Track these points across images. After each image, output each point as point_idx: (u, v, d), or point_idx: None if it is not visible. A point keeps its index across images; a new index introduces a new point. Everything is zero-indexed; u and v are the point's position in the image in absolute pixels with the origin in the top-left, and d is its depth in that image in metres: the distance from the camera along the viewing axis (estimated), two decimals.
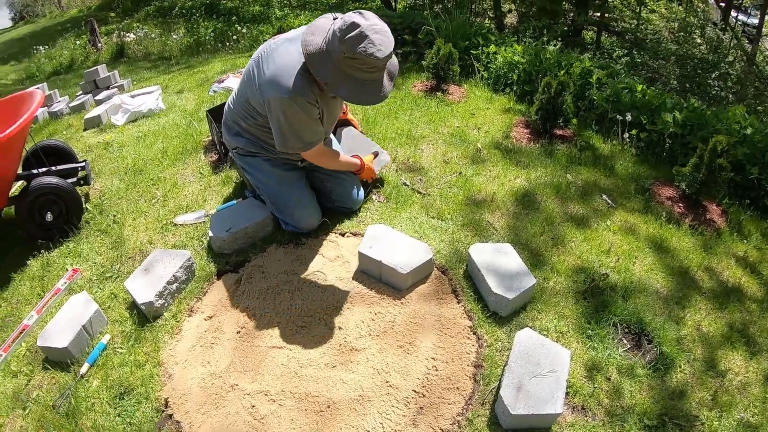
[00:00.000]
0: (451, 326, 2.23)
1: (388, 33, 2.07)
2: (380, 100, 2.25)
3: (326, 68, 2.09)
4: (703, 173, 3.09)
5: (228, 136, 2.65)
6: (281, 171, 2.62)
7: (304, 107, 2.22)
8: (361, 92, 2.16)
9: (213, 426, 1.95)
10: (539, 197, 3.09)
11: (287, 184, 2.63)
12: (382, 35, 2.03)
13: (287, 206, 2.64)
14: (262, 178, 2.63)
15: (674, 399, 2.08)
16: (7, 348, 2.38)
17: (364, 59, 2.02)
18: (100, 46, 8.33)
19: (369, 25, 2.00)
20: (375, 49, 2.01)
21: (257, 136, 2.55)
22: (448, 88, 4.43)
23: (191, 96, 4.91)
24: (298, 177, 2.69)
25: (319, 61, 2.10)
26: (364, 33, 1.98)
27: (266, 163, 2.61)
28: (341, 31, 2.02)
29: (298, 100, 2.19)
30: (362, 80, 2.12)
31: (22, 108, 3.00)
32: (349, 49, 2.01)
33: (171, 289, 2.44)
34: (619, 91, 3.97)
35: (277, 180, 2.62)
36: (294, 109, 2.22)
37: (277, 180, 2.62)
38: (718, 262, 2.86)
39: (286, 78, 2.18)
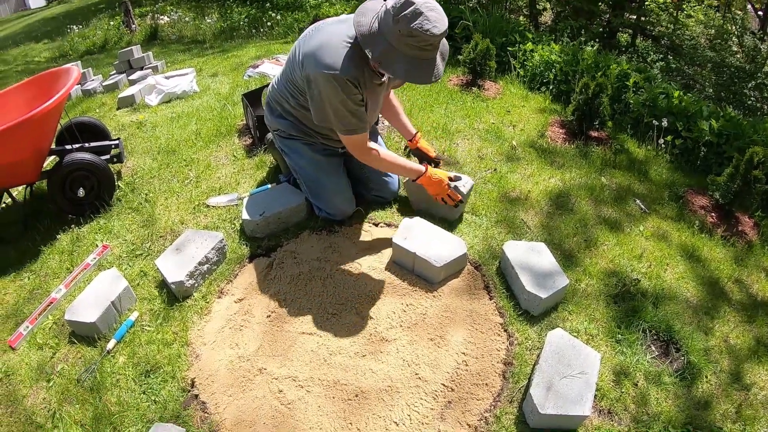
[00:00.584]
0: (482, 322, 2.21)
1: (442, 11, 2.03)
2: (435, 80, 2.18)
3: (379, 47, 2.06)
4: (738, 184, 3.04)
5: (270, 117, 2.63)
6: (320, 156, 2.61)
7: (345, 86, 2.17)
8: (416, 71, 2.10)
9: (239, 408, 1.95)
10: (573, 198, 3.06)
11: (325, 170, 2.62)
12: (437, 12, 2.00)
13: (323, 192, 2.64)
14: (301, 163, 2.62)
15: (699, 409, 2.05)
16: (34, 320, 2.40)
17: (420, 36, 1.98)
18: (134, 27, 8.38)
19: (423, 2, 1.97)
20: (431, 26, 1.98)
21: (299, 119, 2.53)
22: (483, 83, 4.41)
23: (225, 80, 4.92)
24: (336, 164, 2.68)
25: (372, 41, 2.07)
26: (419, 10, 1.96)
27: (306, 147, 2.59)
28: (395, 9, 1.99)
29: (338, 78, 2.14)
30: (417, 59, 2.08)
31: (57, 84, 3.03)
32: (405, 27, 1.98)
33: (202, 269, 2.45)
34: (656, 96, 3.92)
35: (316, 166, 2.61)
36: (333, 87, 2.17)
37: (315, 166, 2.61)
38: (748, 275, 2.81)
39: (330, 54, 2.15)
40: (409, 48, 2.03)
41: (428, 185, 2.56)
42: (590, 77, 3.72)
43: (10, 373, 2.20)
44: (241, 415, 1.92)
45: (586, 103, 3.58)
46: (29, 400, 2.09)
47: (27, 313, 2.47)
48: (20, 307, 2.52)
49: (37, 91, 3.11)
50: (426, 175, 2.54)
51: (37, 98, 3.04)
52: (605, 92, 3.56)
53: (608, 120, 3.70)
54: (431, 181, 2.54)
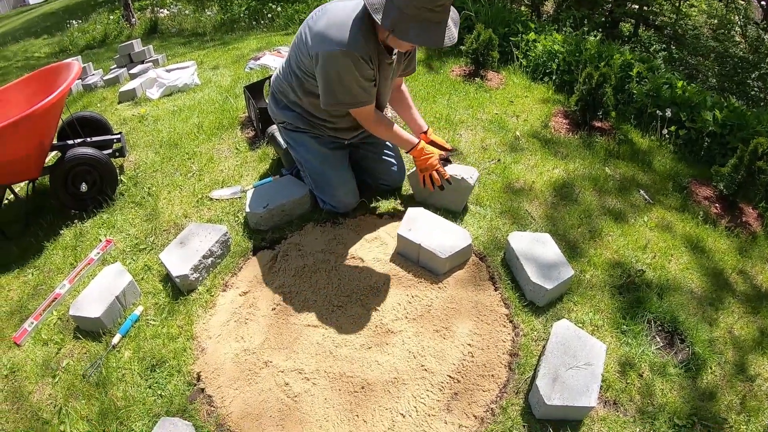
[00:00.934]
0: (487, 313, 2.21)
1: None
2: (450, 42, 2.13)
3: (390, 15, 2.03)
4: (742, 175, 3.04)
5: (275, 109, 2.60)
6: (326, 150, 2.60)
7: (357, 62, 2.15)
8: (428, 34, 2.06)
9: (245, 402, 1.95)
10: (577, 189, 3.05)
11: (331, 163, 2.61)
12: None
13: (328, 185, 2.63)
14: (307, 156, 2.60)
15: (704, 400, 2.05)
16: (38, 316, 2.40)
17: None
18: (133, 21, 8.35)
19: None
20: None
21: (306, 110, 2.51)
22: (486, 74, 4.38)
23: (227, 72, 4.91)
24: (342, 157, 2.66)
25: (381, 9, 2.05)
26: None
27: (313, 140, 2.58)
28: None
29: (351, 54, 2.12)
30: (427, 22, 2.03)
31: (58, 79, 3.02)
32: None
33: (206, 263, 2.45)
34: (660, 86, 3.90)
35: (322, 159, 2.59)
36: (346, 64, 2.15)
37: (321, 159, 2.59)
38: (752, 266, 2.81)
39: (341, 31, 2.12)
40: (420, 11, 2.00)
41: (418, 158, 2.53)
42: (593, 67, 3.70)
43: (16, 370, 2.20)
44: (248, 408, 1.92)
45: (589, 93, 3.56)
46: (35, 396, 2.09)
47: (31, 309, 2.47)
48: (24, 303, 2.52)
49: (38, 86, 3.09)
50: (418, 148, 2.52)
51: (38, 94, 3.03)
52: (609, 82, 3.55)
53: (612, 110, 3.69)
54: (422, 154, 2.52)
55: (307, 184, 2.75)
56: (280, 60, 4.81)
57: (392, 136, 2.54)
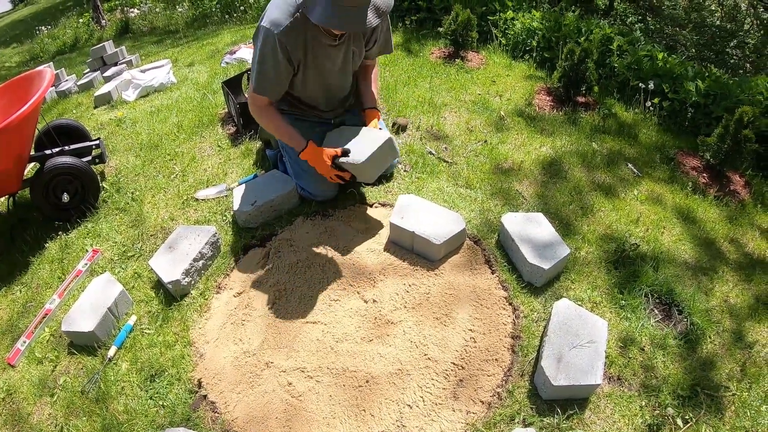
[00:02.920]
0: (486, 297, 2.19)
1: None
2: (358, 29, 2.11)
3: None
4: (728, 144, 3.04)
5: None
6: (311, 128, 2.55)
7: (271, 44, 2.16)
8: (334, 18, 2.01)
9: (249, 405, 1.92)
10: (566, 166, 3.04)
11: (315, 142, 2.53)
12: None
13: (306, 172, 2.57)
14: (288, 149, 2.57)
15: (705, 370, 2.06)
16: (31, 334, 2.35)
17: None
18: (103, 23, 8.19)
19: None
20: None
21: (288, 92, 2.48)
22: (466, 54, 4.34)
23: (203, 68, 4.82)
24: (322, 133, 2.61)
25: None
26: None
27: (297, 123, 2.52)
28: None
29: (269, 33, 2.13)
30: (335, 5, 1.99)
31: (31, 88, 2.94)
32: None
33: (197, 266, 2.41)
34: (641, 59, 3.89)
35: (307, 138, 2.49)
36: (262, 44, 2.18)
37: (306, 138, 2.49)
38: (743, 234, 2.83)
39: (273, 10, 2.15)
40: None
41: (312, 162, 2.45)
42: (574, 43, 3.68)
43: (12, 392, 2.15)
44: (252, 411, 1.89)
45: (572, 69, 3.55)
46: (35, 417, 2.05)
47: (23, 328, 2.42)
48: (15, 322, 2.47)
49: (11, 97, 3.02)
50: (306, 151, 2.43)
51: (11, 105, 2.95)
52: (591, 57, 3.53)
53: (595, 85, 3.67)
54: (313, 158, 2.43)
55: (288, 170, 2.71)
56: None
57: (279, 133, 2.48)
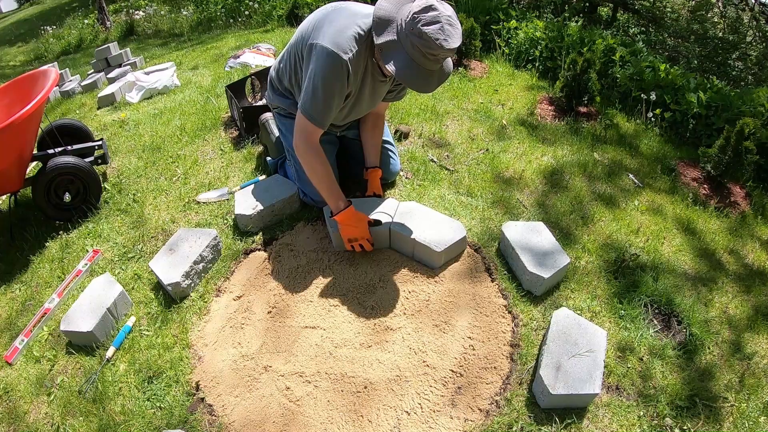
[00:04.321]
0: (486, 305, 2.20)
1: (460, 31, 2.00)
2: (425, 90, 2.12)
3: (387, 35, 2.01)
4: (729, 155, 3.05)
5: (271, 94, 2.56)
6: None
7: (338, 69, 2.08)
8: (411, 73, 2.02)
9: (247, 409, 1.92)
10: (567, 175, 3.04)
11: None
12: (455, 29, 1.96)
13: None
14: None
15: (704, 380, 2.06)
16: (29, 333, 2.34)
17: (429, 42, 1.92)
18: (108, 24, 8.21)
19: (446, 14, 1.93)
20: (443, 37, 1.92)
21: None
22: (469, 63, 4.36)
23: (207, 72, 4.83)
24: (329, 151, 2.60)
25: (384, 27, 2.02)
26: (439, 19, 1.91)
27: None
28: (420, 9, 1.94)
29: (335, 57, 2.06)
30: (416, 63, 2.00)
31: (35, 87, 2.94)
32: (418, 27, 1.92)
33: (197, 269, 2.41)
34: (643, 70, 3.91)
35: None
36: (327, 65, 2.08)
37: None
38: (743, 245, 2.84)
39: (340, 34, 2.08)
40: (414, 50, 1.97)
41: (344, 225, 2.33)
42: (577, 53, 3.70)
43: (9, 390, 2.14)
44: (250, 415, 1.89)
45: (574, 79, 3.56)
46: (31, 416, 2.04)
47: (21, 326, 2.41)
48: (13, 320, 2.46)
49: (15, 96, 3.01)
50: (343, 214, 2.31)
51: (15, 103, 2.95)
52: (593, 68, 3.54)
53: (597, 95, 3.69)
54: (350, 221, 2.33)
55: (290, 175, 2.72)
56: (261, 57, 4.75)
57: (319, 182, 2.33)
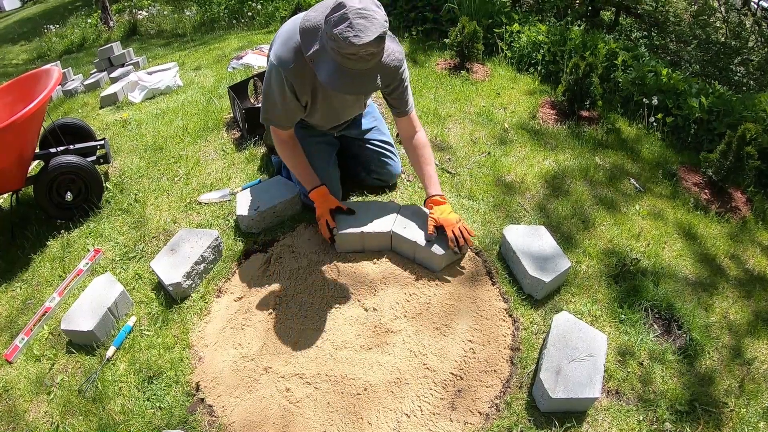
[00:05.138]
0: (486, 308, 2.20)
1: (378, 20, 1.84)
2: (360, 91, 2.03)
3: (313, 46, 1.97)
4: (731, 160, 3.05)
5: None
6: (313, 141, 2.56)
7: (278, 80, 2.13)
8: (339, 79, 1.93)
9: (247, 410, 1.92)
10: (568, 179, 3.05)
11: (316, 156, 2.54)
12: (368, 21, 1.82)
13: None
14: None
15: (704, 385, 2.06)
16: (29, 331, 2.34)
17: (341, 43, 1.83)
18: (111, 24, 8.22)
19: (356, 9, 1.81)
20: (352, 34, 1.80)
21: None
22: (471, 66, 4.37)
23: (209, 73, 4.84)
24: (329, 153, 2.62)
25: (308, 37, 1.99)
26: (347, 15, 1.81)
27: (301, 129, 2.53)
28: (329, 9, 1.87)
29: (277, 69, 2.10)
30: (341, 66, 1.92)
31: (38, 86, 2.95)
32: (329, 29, 1.85)
33: (199, 269, 2.41)
34: (645, 75, 3.90)
35: (308, 152, 2.49)
36: (270, 77, 2.16)
37: (307, 152, 2.49)
38: (744, 251, 2.84)
39: (283, 43, 2.10)
40: (335, 53, 1.89)
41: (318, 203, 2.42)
42: (579, 57, 3.70)
43: (9, 388, 2.14)
44: (250, 416, 1.89)
45: (576, 83, 3.56)
46: (30, 415, 2.04)
47: (21, 325, 2.41)
48: (14, 319, 2.46)
49: (18, 94, 3.02)
50: (318, 192, 2.42)
51: (17, 102, 2.96)
52: (595, 72, 3.55)
53: (599, 99, 3.69)
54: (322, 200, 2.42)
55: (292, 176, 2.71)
56: (263, 59, 4.76)
57: (293, 168, 2.48)
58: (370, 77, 1.97)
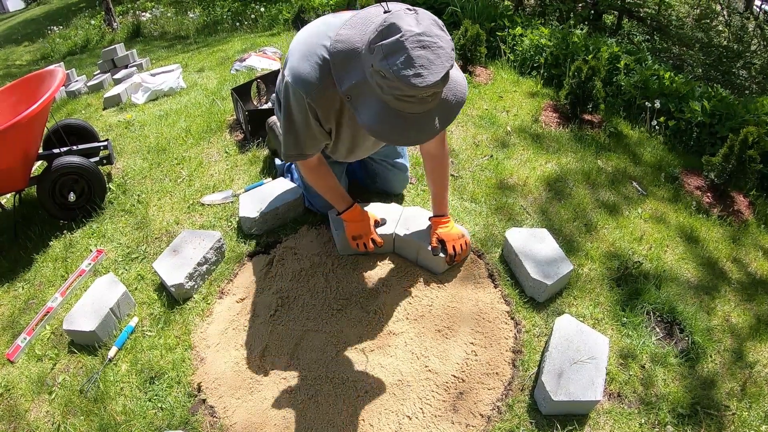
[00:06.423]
0: (488, 311, 2.20)
1: (444, 49, 1.37)
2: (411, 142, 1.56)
3: (351, 77, 1.52)
4: (733, 164, 3.05)
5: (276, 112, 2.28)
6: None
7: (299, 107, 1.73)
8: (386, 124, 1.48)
9: (248, 411, 1.92)
10: (571, 183, 3.05)
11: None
12: (432, 52, 1.35)
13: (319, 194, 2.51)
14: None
15: (706, 388, 2.06)
16: (31, 331, 2.35)
17: (396, 84, 1.37)
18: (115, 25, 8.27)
19: (415, 34, 1.34)
20: (412, 72, 1.33)
21: None
22: (474, 69, 4.37)
23: (212, 75, 4.85)
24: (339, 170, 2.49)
25: (344, 64, 1.54)
26: (403, 44, 1.34)
27: None
28: (377, 32, 1.40)
29: (296, 93, 1.68)
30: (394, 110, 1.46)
31: (42, 86, 2.96)
32: (378, 62, 1.38)
33: (201, 270, 2.41)
34: (647, 78, 3.91)
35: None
36: (289, 103, 1.76)
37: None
38: (745, 254, 2.83)
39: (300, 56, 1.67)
40: (381, 91, 1.45)
41: (349, 222, 2.26)
42: (582, 60, 3.70)
43: (10, 387, 2.15)
44: (251, 417, 1.89)
45: (579, 87, 3.57)
46: (32, 414, 2.04)
47: (23, 324, 2.41)
48: (16, 319, 2.46)
49: (22, 95, 3.03)
50: (351, 211, 2.24)
51: (21, 102, 2.97)
52: (598, 75, 3.55)
53: (601, 103, 3.69)
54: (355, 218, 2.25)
55: (296, 180, 2.71)
56: (267, 61, 4.77)
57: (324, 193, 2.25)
58: (427, 121, 1.51)
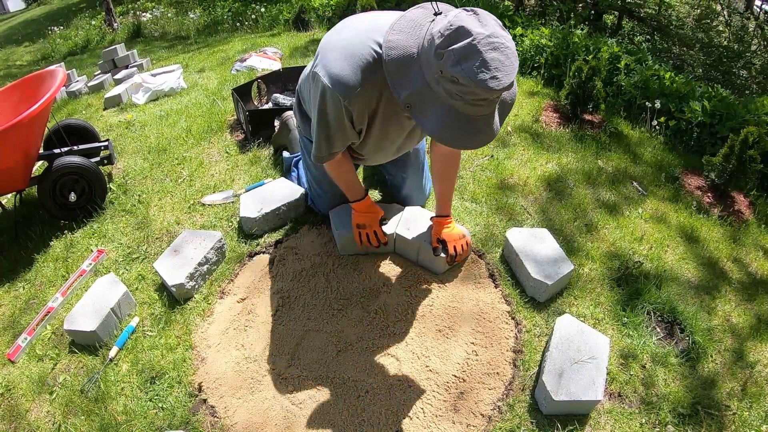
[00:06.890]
0: (489, 311, 2.20)
1: (511, 49, 1.36)
2: (480, 145, 1.53)
3: (410, 84, 1.48)
4: (733, 164, 3.05)
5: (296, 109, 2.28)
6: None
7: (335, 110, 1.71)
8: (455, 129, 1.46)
9: (249, 411, 1.92)
10: (571, 182, 3.05)
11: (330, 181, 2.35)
12: (502, 53, 1.33)
13: (322, 196, 2.54)
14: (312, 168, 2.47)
15: (706, 388, 2.06)
16: (32, 331, 2.35)
17: (472, 89, 1.34)
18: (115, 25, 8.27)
19: (485, 36, 1.31)
20: (488, 76, 1.31)
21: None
22: None
23: (213, 75, 4.85)
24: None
25: (399, 71, 1.50)
26: (477, 48, 1.31)
27: None
28: (443, 36, 1.35)
29: (335, 96, 1.65)
30: (463, 115, 1.44)
31: (43, 87, 2.96)
32: (449, 68, 1.34)
33: (202, 270, 2.41)
34: (648, 78, 3.91)
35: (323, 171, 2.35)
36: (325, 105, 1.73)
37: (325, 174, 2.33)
38: (746, 254, 2.83)
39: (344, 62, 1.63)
40: (451, 97, 1.41)
41: (357, 212, 2.26)
42: (582, 60, 3.71)
43: (11, 387, 2.15)
44: (252, 417, 1.89)
45: (579, 87, 3.57)
46: (32, 415, 2.04)
47: (24, 324, 2.41)
48: (17, 319, 2.46)
49: (22, 95, 3.04)
50: (364, 203, 2.24)
51: (22, 103, 2.97)
52: (598, 75, 3.55)
53: (602, 103, 3.69)
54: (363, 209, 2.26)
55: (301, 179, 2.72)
56: (267, 61, 4.77)
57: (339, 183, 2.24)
58: (489, 123, 1.49)
